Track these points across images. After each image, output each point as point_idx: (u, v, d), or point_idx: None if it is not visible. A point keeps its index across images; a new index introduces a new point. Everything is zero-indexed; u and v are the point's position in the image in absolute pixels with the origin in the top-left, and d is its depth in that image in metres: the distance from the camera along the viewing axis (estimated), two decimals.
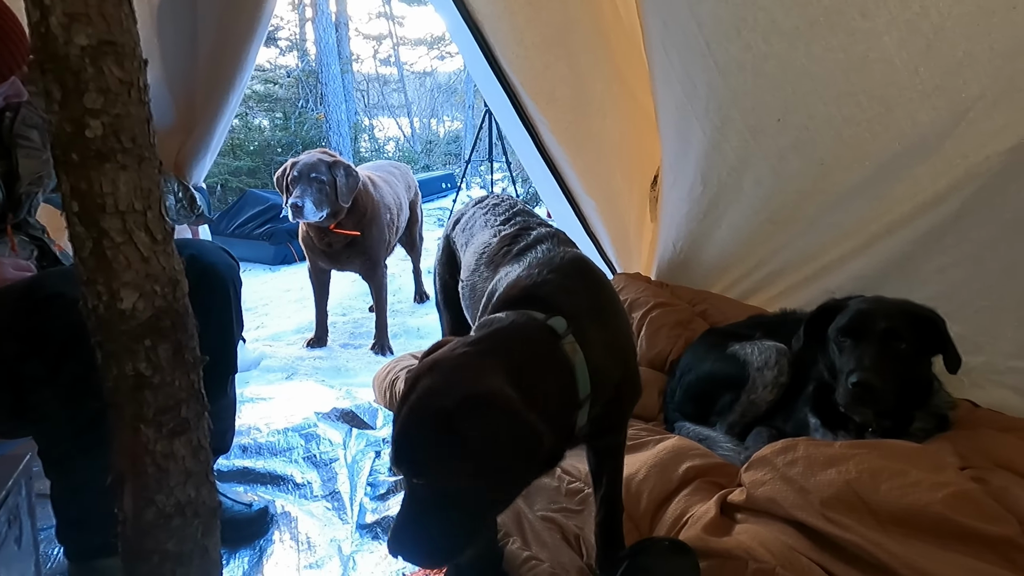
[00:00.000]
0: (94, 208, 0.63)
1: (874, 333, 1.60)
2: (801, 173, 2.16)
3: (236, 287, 1.63)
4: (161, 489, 0.70)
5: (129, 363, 0.67)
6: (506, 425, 0.88)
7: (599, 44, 2.46)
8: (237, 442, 2.09)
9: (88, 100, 0.60)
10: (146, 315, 0.67)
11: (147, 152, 0.66)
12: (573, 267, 1.25)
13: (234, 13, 2.10)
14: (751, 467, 1.49)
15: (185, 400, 0.72)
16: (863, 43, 1.77)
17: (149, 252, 0.66)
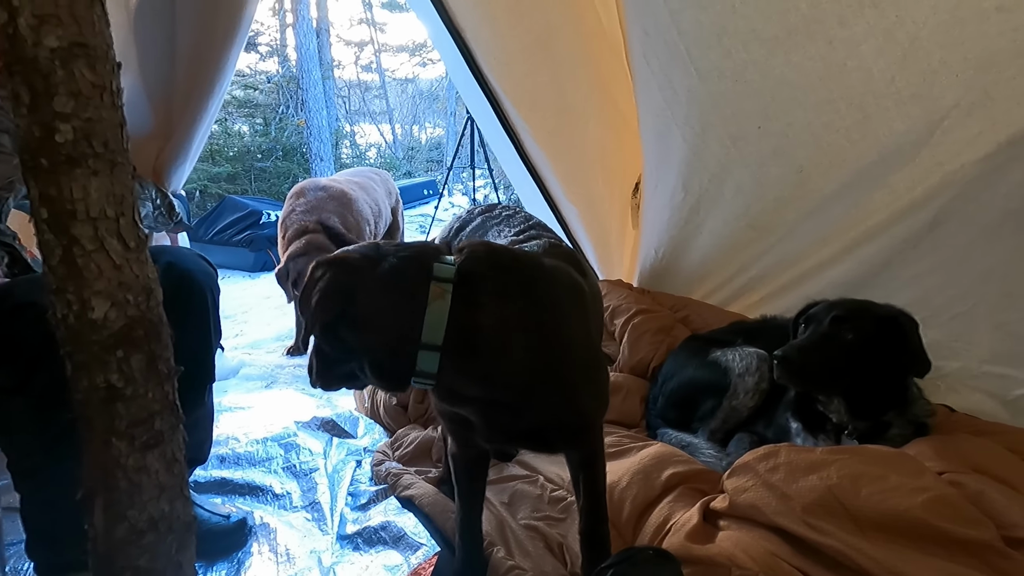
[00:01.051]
0: (64, 215, 0.61)
1: (821, 321, 1.66)
2: (781, 180, 2.18)
3: (214, 295, 1.61)
4: (133, 504, 0.68)
5: (100, 374, 0.65)
6: (331, 278, 1.06)
7: (581, 51, 2.47)
8: (215, 452, 2.05)
9: (58, 104, 0.59)
10: (118, 325, 0.65)
11: (120, 157, 0.64)
12: (533, 262, 1.23)
13: (213, 18, 2.07)
14: (733, 474, 1.49)
15: (159, 412, 0.70)
16: (841, 51, 1.79)
17: (122, 260, 0.64)
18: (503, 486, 1.86)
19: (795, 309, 2.28)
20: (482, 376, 1.11)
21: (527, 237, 1.48)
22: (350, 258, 1.10)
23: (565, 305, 1.21)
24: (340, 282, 1.06)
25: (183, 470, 0.74)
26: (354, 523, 1.79)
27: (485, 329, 1.08)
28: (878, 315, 1.64)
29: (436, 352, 1.06)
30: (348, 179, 3.80)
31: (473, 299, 1.08)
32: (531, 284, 1.16)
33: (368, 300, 1.06)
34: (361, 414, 2.44)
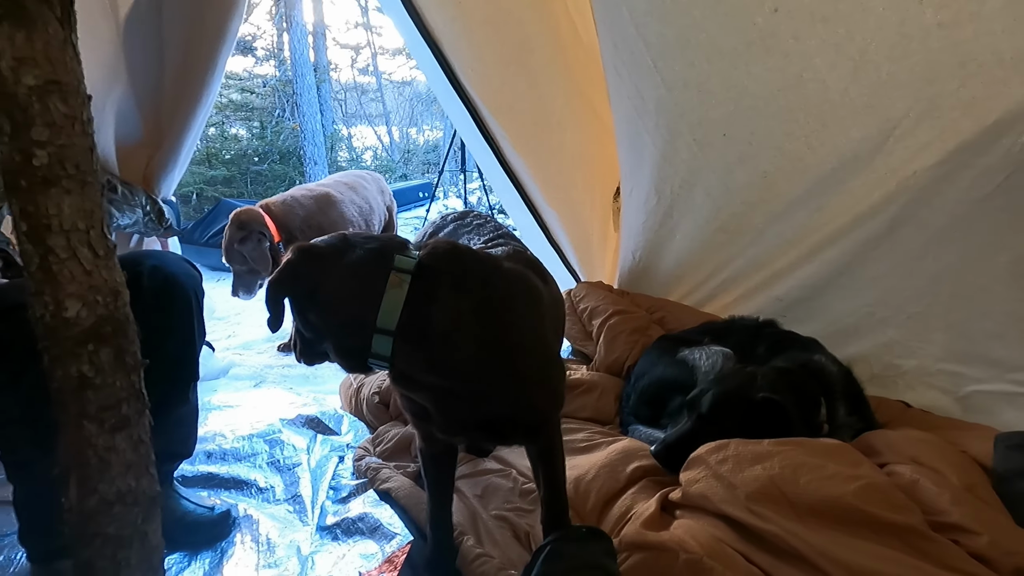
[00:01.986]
0: (41, 228, 0.70)
1: (700, 407, 1.73)
2: (747, 185, 2.26)
3: (198, 297, 1.68)
4: (103, 479, 0.77)
5: (73, 365, 0.74)
6: (291, 263, 1.16)
7: (557, 61, 2.55)
8: (202, 448, 2.14)
9: (35, 133, 0.68)
10: (89, 322, 0.74)
11: (90, 177, 0.73)
12: (493, 263, 1.32)
13: (200, 28, 2.15)
14: (688, 467, 1.57)
15: (125, 399, 0.79)
16: (797, 64, 1.88)
17: (92, 266, 0.73)
18: (477, 479, 1.95)
19: (765, 310, 2.39)
20: (433, 363, 1.19)
21: (494, 245, 1.57)
22: (316, 246, 1.20)
23: (519, 305, 1.30)
24: (298, 267, 1.16)
25: (148, 450, 0.83)
26: (334, 515, 1.87)
27: (437, 319, 1.16)
28: (754, 401, 1.66)
29: (390, 337, 1.15)
30: (337, 180, 3.86)
31: (429, 291, 1.17)
32: (487, 282, 1.24)
33: (331, 285, 1.16)
34: (345, 412, 2.52)
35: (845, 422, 1.81)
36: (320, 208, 3.43)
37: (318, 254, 1.18)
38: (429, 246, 1.24)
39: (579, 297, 2.84)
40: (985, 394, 1.92)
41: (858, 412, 1.86)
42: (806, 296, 2.33)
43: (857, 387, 1.95)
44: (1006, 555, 1.24)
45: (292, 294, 1.19)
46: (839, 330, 2.22)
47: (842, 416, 1.83)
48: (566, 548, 1.16)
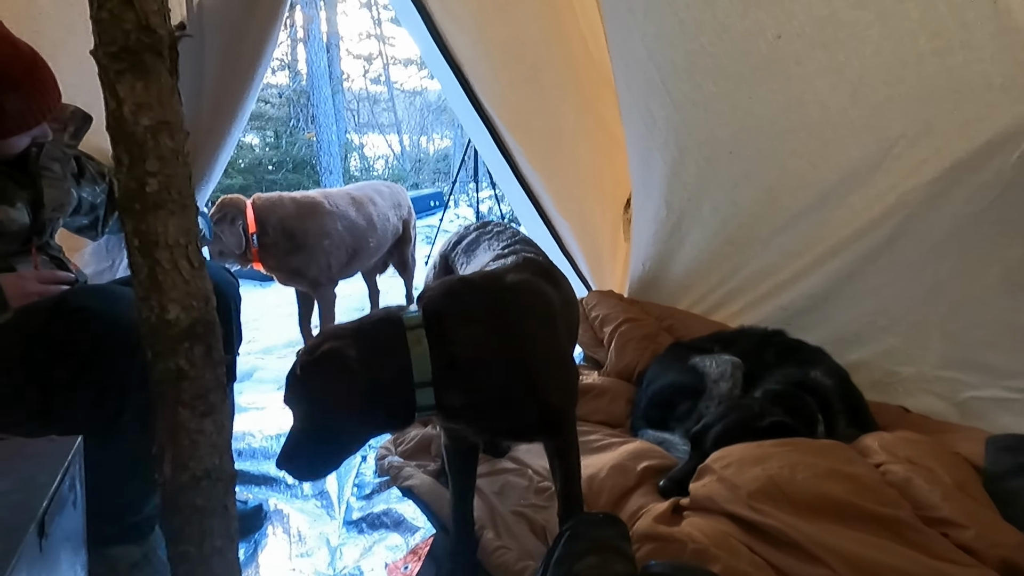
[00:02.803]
0: (150, 244, 0.82)
1: (704, 444, 1.81)
2: (753, 199, 2.36)
3: (236, 303, 1.80)
4: (193, 457, 0.89)
5: (172, 360, 0.86)
6: (333, 371, 1.20)
7: (571, 80, 2.67)
8: (233, 446, 2.24)
9: (149, 165, 0.80)
10: (186, 323, 0.86)
11: (188, 200, 0.85)
12: (492, 283, 1.44)
13: (237, 54, 2.25)
14: (697, 476, 1.67)
15: (212, 389, 0.91)
16: (799, 87, 1.98)
17: (189, 276, 0.86)
18: (495, 478, 2.05)
19: (771, 319, 2.48)
20: (467, 391, 1.31)
21: (512, 251, 1.68)
22: (336, 353, 1.22)
23: (526, 315, 1.41)
24: (339, 374, 1.21)
25: (228, 434, 0.95)
26: (359, 510, 1.98)
27: (461, 355, 1.28)
28: (759, 428, 1.73)
29: (430, 387, 1.27)
30: (347, 192, 3.81)
31: (444, 334, 1.28)
32: (491, 305, 1.37)
33: (366, 370, 1.22)
34: None
35: (845, 433, 1.90)
36: (299, 213, 3.38)
37: (343, 356, 1.22)
38: (425, 297, 1.37)
39: (591, 305, 2.94)
40: (981, 400, 2.01)
41: (858, 423, 1.95)
42: (810, 306, 2.41)
43: (856, 397, 2.04)
44: (992, 547, 1.33)
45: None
46: (842, 338, 2.31)
47: (842, 428, 1.93)
48: (585, 530, 1.26)
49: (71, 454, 0.81)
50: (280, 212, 3.31)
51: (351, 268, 3.70)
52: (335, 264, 3.50)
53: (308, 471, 1.37)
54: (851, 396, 2.02)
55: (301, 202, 3.44)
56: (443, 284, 1.40)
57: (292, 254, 3.36)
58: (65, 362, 1.39)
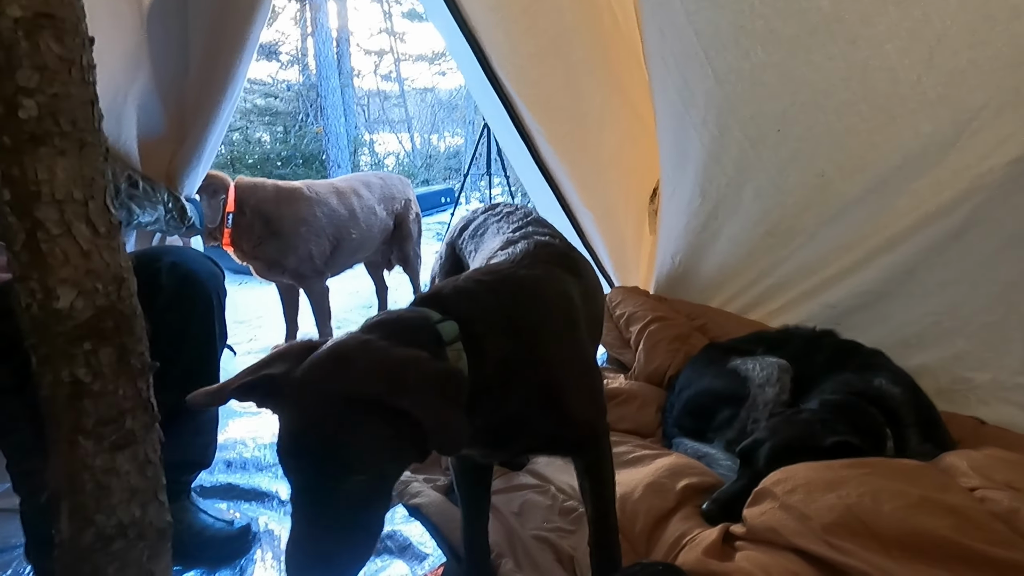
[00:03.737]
0: (28, 196, 0.57)
1: (756, 461, 1.57)
2: (801, 185, 2.13)
3: (220, 296, 1.58)
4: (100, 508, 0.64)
5: (66, 368, 0.62)
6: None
7: (597, 54, 2.44)
8: (222, 457, 2.03)
9: (21, 78, 0.55)
10: (85, 315, 0.61)
11: (90, 136, 0.61)
12: (511, 281, 1.22)
13: (224, 20, 2.06)
14: (753, 502, 1.43)
15: (130, 410, 0.66)
16: (864, 51, 1.74)
17: (90, 246, 0.61)
18: (513, 495, 1.82)
19: (816, 318, 2.25)
20: (492, 412, 1.08)
21: (523, 235, 1.46)
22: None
23: (549, 321, 1.21)
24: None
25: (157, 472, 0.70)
26: None
27: (488, 372, 1.05)
28: (822, 448, 1.50)
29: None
30: (332, 181, 3.74)
31: (476, 348, 1.04)
32: (512, 310, 1.14)
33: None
34: None
35: (919, 451, 1.65)
36: (277, 199, 3.31)
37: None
38: (443, 300, 1.10)
39: (615, 302, 2.71)
40: None
41: (933, 438, 1.70)
42: (862, 304, 2.18)
43: (928, 409, 1.79)
44: None
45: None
46: (900, 340, 2.07)
47: (914, 445, 1.67)
48: None
49: None
50: (259, 195, 3.24)
51: (337, 261, 3.62)
52: (317, 253, 3.44)
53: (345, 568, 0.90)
54: (923, 407, 1.77)
55: (282, 188, 3.38)
56: (457, 287, 1.15)
57: (267, 241, 3.28)
58: (7, 363, 1.18)
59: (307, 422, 0.84)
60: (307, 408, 0.85)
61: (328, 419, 0.83)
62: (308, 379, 0.86)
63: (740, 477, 1.60)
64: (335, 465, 0.83)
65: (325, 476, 0.83)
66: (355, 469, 0.84)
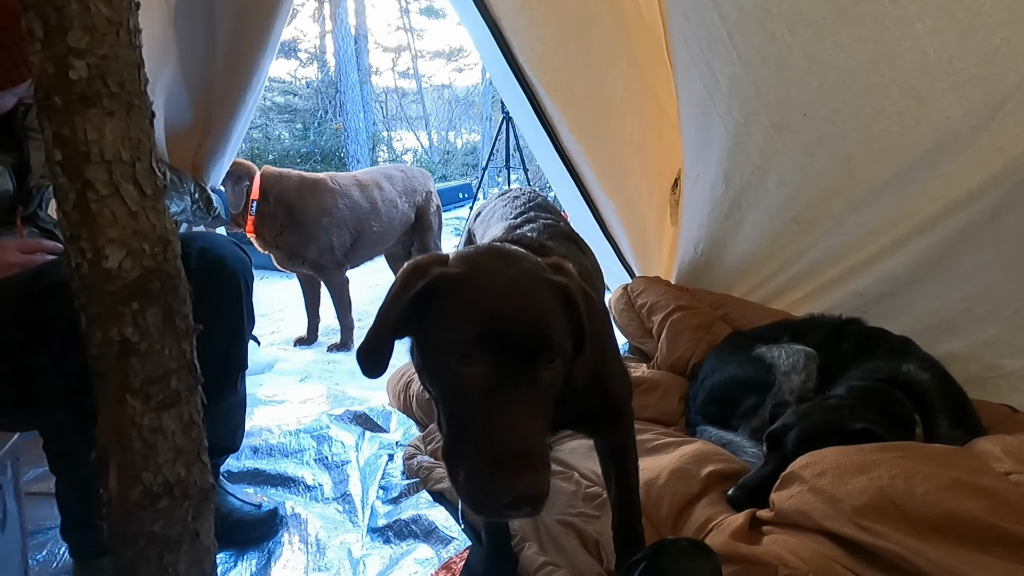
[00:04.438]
0: (78, 156, 0.58)
1: (784, 446, 1.56)
2: (827, 170, 2.10)
3: (247, 281, 1.59)
4: (148, 466, 0.65)
5: (115, 327, 0.63)
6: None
7: (619, 41, 2.41)
8: (248, 443, 2.05)
9: (72, 39, 0.56)
10: (133, 275, 0.62)
11: (136, 99, 0.61)
12: (543, 245, 1.23)
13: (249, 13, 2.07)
14: (781, 485, 1.41)
15: (175, 371, 0.67)
16: (894, 32, 1.71)
17: (137, 207, 0.62)
18: None
19: (843, 306, 2.21)
20: None
21: (526, 219, 1.45)
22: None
23: (592, 289, 1.18)
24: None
25: (201, 434, 0.71)
26: (385, 516, 1.77)
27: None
28: (850, 432, 1.48)
29: None
30: (355, 174, 3.83)
31: None
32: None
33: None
34: (394, 408, 2.42)
35: (949, 436, 1.62)
36: (301, 188, 3.41)
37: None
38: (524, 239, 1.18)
39: (637, 292, 2.70)
40: None
41: (964, 425, 1.67)
42: (891, 290, 2.14)
43: (959, 395, 1.76)
44: None
45: None
46: (929, 327, 2.04)
47: (944, 430, 1.65)
48: (667, 565, 1.02)
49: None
50: (284, 184, 3.34)
51: (357, 253, 3.67)
52: (338, 245, 3.50)
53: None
54: (953, 393, 1.74)
55: (306, 179, 3.47)
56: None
57: (289, 231, 3.37)
58: (43, 345, 1.20)
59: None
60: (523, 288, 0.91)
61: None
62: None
63: (767, 462, 1.59)
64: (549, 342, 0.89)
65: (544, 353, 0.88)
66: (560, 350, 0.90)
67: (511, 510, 0.82)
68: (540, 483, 0.81)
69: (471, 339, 0.85)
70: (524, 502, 0.80)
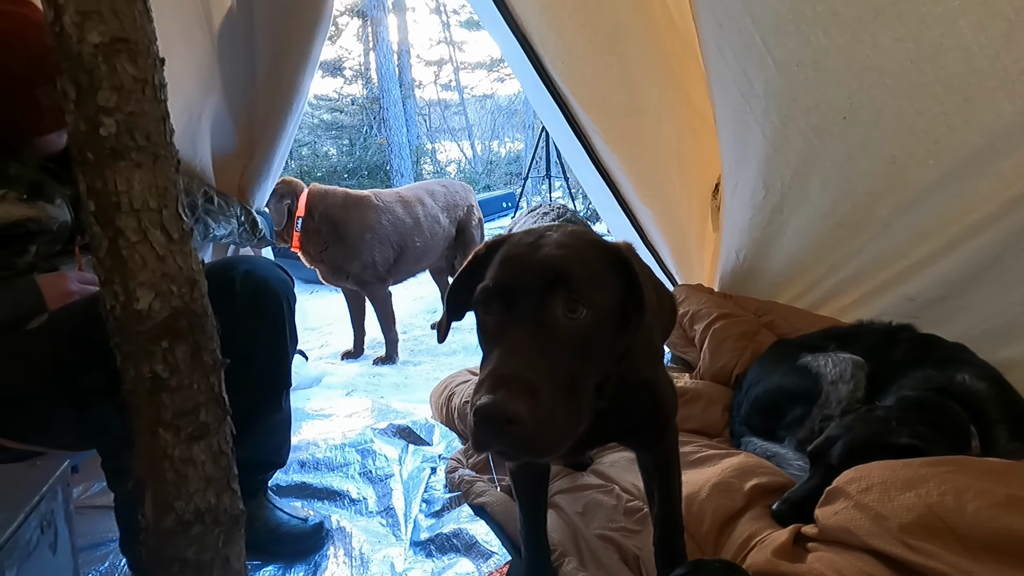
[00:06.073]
0: (109, 207, 0.63)
1: (829, 459, 1.52)
2: (871, 173, 2.03)
3: (290, 302, 1.65)
4: (180, 495, 0.69)
5: (146, 364, 0.67)
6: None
7: (652, 50, 2.40)
8: (295, 457, 2.11)
9: (101, 98, 0.61)
10: (162, 315, 0.66)
11: (162, 150, 0.66)
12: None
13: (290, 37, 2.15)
14: (825, 501, 1.38)
15: (204, 404, 0.71)
16: (935, 30, 1.65)
17: (165, 251, 0.66)
18: (577, 495, 1.82)
19: (892, 311, 2.14)
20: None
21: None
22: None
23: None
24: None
25: (230, 463, 0.75)
26: (428, 530, 1.79)
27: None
28: (896, 446, 1.43)
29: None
30: (399, 190, 3.92)
31: None
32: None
33: None
34: (436, 422, 2.45)
35: (1008, 449, 1.55)
36: (346, 205, 3.50)
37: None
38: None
39: (679, 300, 2.67)
40: None
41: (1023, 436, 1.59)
42: (944, 295, 2.06)
43: (1018, 405, 1.67)
44: None
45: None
46: (985, 332, 1.95)
47: (1003, 443, 1.57)
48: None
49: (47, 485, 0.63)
50: (329, 201, 3.45)
51: (400, 268, 3.75)
52: (381, 260, 3.59)
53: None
54: (1012, 403, 1.66)
55: (351, 195, 3.57)
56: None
57: (334, 246, 3.46)
58: (100, 368, 1.26)
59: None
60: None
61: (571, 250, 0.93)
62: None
63: (812, 476, 1.55)
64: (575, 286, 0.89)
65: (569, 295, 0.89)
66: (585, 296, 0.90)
67: (483, 433, 0.78)
68: (510, 402, 0.76)
69: (488, 286, 0.89)
70: (490, 418, 0.76)
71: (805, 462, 1.72)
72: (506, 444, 0.79)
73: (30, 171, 1.41)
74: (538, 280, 0.88)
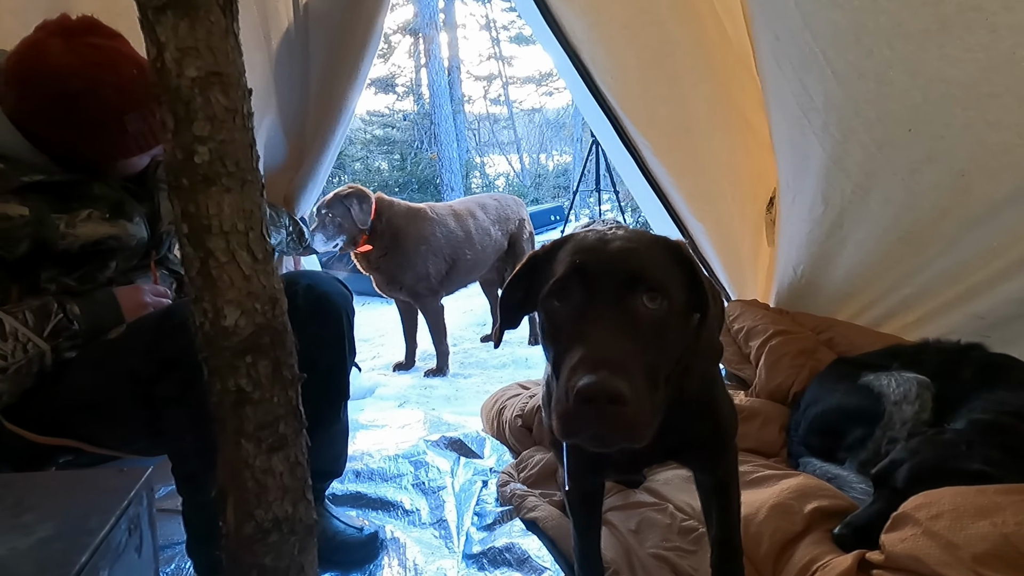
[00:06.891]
0: (201, 229, 0.67)
1: (895, 482, 1.47)
2: (937, 187, 1.97)
3: (349, 315, 1.69)
4: (260, 504, 0.72)
5: (231, 378, 0.71)
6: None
7: (702, 63, 2.39)
8: (351, 467, 2.16)
9: (197, 128, 0.65)
10: (247, 332, 0.70)
11: (250, 175, 0.70)
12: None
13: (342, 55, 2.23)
14: (892, 527, 1.33)
15: (283, 416, 0.74)
16: (1008, 39, 1.59)
17: (250, 271, 0.70)
18: (630, 512, 1.80)
19: (960, 330, 2.06)
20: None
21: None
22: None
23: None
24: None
25: (305, 474, 0.78)
26: (479, 543, 1.80)
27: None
28: (966, 472, 1.38)
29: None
30: (452, 204, 4.01)
31: None
32: None
33: None
34: (488, 435, 2.46)
35: None
36: (405, 216, 3.62)
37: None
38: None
39: (733, 316, 2.63)
40: None
41: None
42: (1017, 313, 1.98)
43: None
44: None
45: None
46: None
47: None
48: None
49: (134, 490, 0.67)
50: (394, 209, 3.61)
51: (452, 280, 3.82)
52: (433, 272, 3.67)
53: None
54: None
55: (410, 207, 3.72)
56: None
57: (391, 254, 3.58)
58: (171, 378, 1.32)
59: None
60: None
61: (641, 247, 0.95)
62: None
63: (876, 500, 1.50)
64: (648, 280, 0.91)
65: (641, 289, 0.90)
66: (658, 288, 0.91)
67: (581, 416, 0.78)
68: (616, 381, 0.76)
69: (565, 274, 0.91)
70: (595, 397, 0.76)
71: (867, 485, 1.67)
72: (606, 425, 0.79)
73: (112, 191, 1.49)
74: (619, 269, 0.89)
